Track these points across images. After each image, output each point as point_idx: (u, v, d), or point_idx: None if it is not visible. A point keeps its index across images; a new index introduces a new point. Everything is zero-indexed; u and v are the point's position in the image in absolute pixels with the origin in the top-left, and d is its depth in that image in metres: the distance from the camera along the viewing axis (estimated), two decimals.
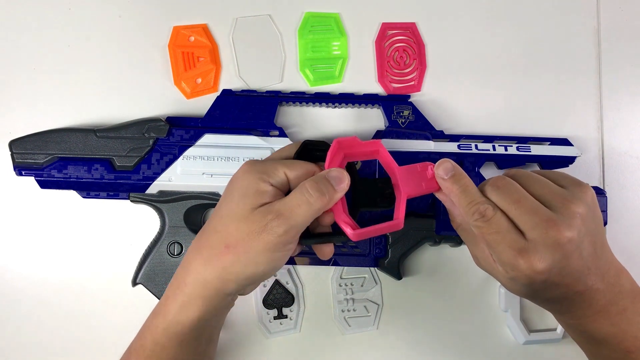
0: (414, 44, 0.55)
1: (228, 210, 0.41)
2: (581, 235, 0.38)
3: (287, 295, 0.54)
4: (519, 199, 0.39)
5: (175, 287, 0.42)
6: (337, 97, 0.53)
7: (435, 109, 0.55)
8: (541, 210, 0.38)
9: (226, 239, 0.40)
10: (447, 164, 0.42)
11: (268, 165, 0.42)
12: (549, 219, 0.38)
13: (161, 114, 0.54)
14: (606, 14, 0.56)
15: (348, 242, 0.46)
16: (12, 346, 0.54)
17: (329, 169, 0.42)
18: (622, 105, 0.55)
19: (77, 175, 0.50)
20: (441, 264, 0.54)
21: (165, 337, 0.42)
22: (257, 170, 0.42)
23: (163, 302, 0.43)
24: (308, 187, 0.40)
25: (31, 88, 0.54)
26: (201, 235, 0.43)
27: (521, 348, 0.54)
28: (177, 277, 0.43)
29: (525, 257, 0.37)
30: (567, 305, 0.41)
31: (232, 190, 0.42)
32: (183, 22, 0.55)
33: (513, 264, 0.38)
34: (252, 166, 0.42)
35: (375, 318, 0.54)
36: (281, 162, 0.43)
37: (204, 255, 0.41)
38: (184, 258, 0.43)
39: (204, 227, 0.43)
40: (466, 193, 0.41)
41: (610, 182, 0.55)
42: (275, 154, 0.46)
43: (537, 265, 0.37)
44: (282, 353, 0.54)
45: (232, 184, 0.42)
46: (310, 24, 0.55)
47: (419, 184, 0.42)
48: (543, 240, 0.37)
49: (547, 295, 0.40)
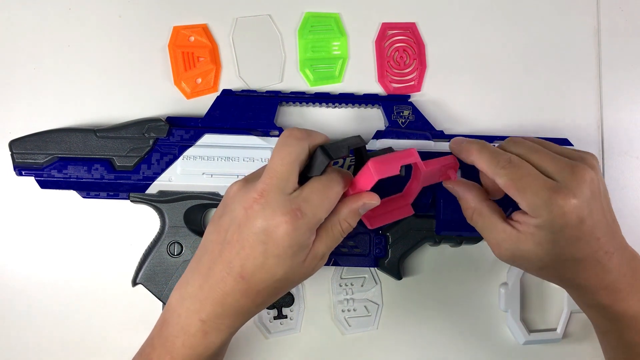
0: (414, 44, 0.55)
1: (279, 264, 0.39)
2: (600, 185, 0.40)
3: (287, 295, 0.54)
4: (538, 149, 0.41)
5: (212, 315, 0.41)
6: (337, 97, 0.53)
7: (435, 109, 0.55)
8: (562, 159, 0.40)
9: (281, 290, 0.42)
10: (458, 137, 0.45)
11: (315, 216, 0.40)
12: (571, 164, 0.40)
13: (161, 114, 0.54)
14: (606, 14, 0.56)
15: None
16: (11, 346, 0.54)
17: (364, 203, 0.42)
18: (622, 105, 0.55)
19: (77, 175, 0.50)
20: (441, 264, 0.54)
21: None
22: (308, 225, 0.39)
23: (176, 333, 0.42)
24: (345, 230, 0.43)
25: (31, 88, 0.54)
26: (248, 283, 0.40)
27: (521, 348, 0.54)
28: (214, 314, 0.41)
29: (561, 193, 0.38)
30: (595, 273, 0.40)
31: (276, 244, 0.39)
32: (183, 22, 0.55)
33: (548, 202, 0.38)
34: (298, 220, 0.39)
35: (375, 318, 0.54)
36: (325, 208, 0.40)
37: (256, 302, 0.41)
38: (222, 292, 0.40)
39: (248, 272, 0.40)
40: (486, 147, 0.42)
41: (610, 182, 0.55)
42: (280, 163, 0.40)
43: (572, 199, 0.38)
44: (282, 353, 0.54)
45: (273, 235, 0.39)
46: (310, 24, 0.55)
47: (436, 178, 0.46)
48: (571, 179, 0.39)
49: (576, 252, 0.39)
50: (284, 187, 0.39)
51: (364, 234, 0.51)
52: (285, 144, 0.41)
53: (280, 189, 0.39)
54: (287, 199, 0.39)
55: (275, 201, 0.39)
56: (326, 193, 0.40)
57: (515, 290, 0.52)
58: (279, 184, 0.39)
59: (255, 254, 0.39)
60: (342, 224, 0.42)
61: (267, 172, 0.40)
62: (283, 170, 0.40)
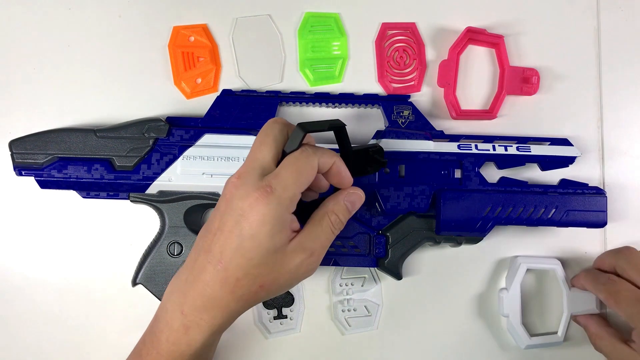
0: (414, 44, 0.55)
1: (254, 246, 0.39)
2: None
3: (287, 295, 0.54)
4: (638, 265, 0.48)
5: (194, 317, 0.41)
6: (337, 97, 0.53)
7: (435, 109, 0.55)
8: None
9: (261, 280, 0.40)
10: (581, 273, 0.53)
11: (286, 191, 0.39)
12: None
13: (161, 114, 0.54)
14: (606, 14, 0.56)
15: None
16: (11, 346, 0.54)
17: (349, 194, 0.43)
18: (622, 105, 0.55)
19: (77, 175, 0.50)
20: (441, 264, 0.54)
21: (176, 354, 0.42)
22: (279, 200, 0.38)
23: (169, 327, 0.41)
24: (334, 223, 0.42)
25: (31, 88, 0.54)
26: (226, 270, 0.39)
27: (522, 352, 0.53)
28: (194, 307, 0.40)
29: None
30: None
31: (249, 222, 0.38)
32: (183, 22, 0.55)
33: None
34: (268, 195, 0.38)
35: (375, 318, 0.54)
36: (297, 182, 0.39)
37: (236, 295, 0.40)
38: (203, 282, 0.40)
39: (227, 257, 0.39)
40: (590, 271, 0.51)
41: (610, 182, 0.55)
42: (262, 150, 0.41)
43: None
44: (282, 353, 0.54)
45: (246, 213, 0.38)
46: (310, 24, 0.55)
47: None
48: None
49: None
50: (258, 167, 0.40)
51: (364, 234, 0.51)
52: (263, 129, 0.42)
53: (254, 170, 0.40)
54: (260, 178, 0.39)
55: (250, 181, 0.39)
56: (298, 167, 0.40)
57: (516, 295, 0.52)
58: (256, 165, 0.40)
59: (232, 237, 0.39)
60: (330, 216, 0.42)
61: (247, 157, 0.41)
62: (261, 154, 0.40)
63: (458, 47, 0.54)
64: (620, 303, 0.46)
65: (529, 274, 0.54)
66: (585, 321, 0.52)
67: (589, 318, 0.52)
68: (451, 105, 0.54)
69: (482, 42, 0.55)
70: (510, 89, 0.54)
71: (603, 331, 0.50)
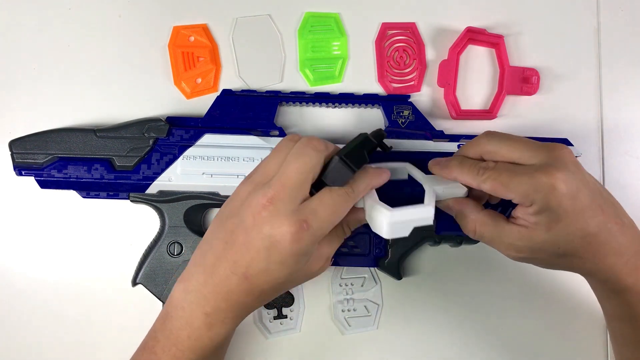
0: (414, 44, 0.55)
1: (282, 269, 0.40)
2: (581, 166, 0.40)
3: (287, 295, 0.54)
4: (509, 138, 0.42)
5: (215, 308, 0.42)
6: (337, 97, 0.53)
7: (435, 109, 0.55)
8: (535, 142, 0.41)
9: (283, 287, 0.43)
10: (436, 158, 0.45)
11: (321, 229, 0.40)
12: (546, 145, 0.40)
13: (161, 114, 0.54)
14: (606, 14, 0.56)
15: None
16: (11, 346, 0.54)
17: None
18: (622, 105, 0.55)
19: (77, 175, 0.50)
20: (441, 264, 0.54)
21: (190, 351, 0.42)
22: (314, 237, 0.40)
23: (184, 321, 0.42)
24: (346, 233, 0.46)
25: (31, 88, 0.54)
26: (252, 284, 0.40)
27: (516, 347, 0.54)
28: (218, 308, 0.41)
29: (542, 171, 0.38)
30: (612, 248, 0.39)
31: (280, 252, 0.39)
32: (183, 22, 0.55)
33: (534, 184, 0.38)
34: (303, 232, 0.39)
35: (375, 318, 0.54)
36: (333, 222, 0.41)
37: (261, 298, 0.42)
38: (227, 289, 0.41)
39: (252, 273, 0.40)
40: (464, 161, 0.43)
41: (610, 182, 0.55)
42: (296, 173, 0.40)
43: (555, 173, 0.38)
44: (282, 353, 0.54)
45: (278, 244, 0.39)
46: (310, 24, 0.55)
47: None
48: (549, 157, 0.39)
49: (584, 226, 0.39)
50: (294, 196, 0.40)
51: (364, 234, 0.51)
52: (303, 154, 0.41)
53: (290, 198, 0.39)
54: (295, 209, 0.39)
55: (284, 210, 0.39)
56: (336, 208, 0.41)
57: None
58: (290, 193, 0.39)
59: (259, 258, 0.39)
60: (345, 229, 0.46)
61: (279, 178, 0.40)
62: (297, 180, 0.40)
63: (458, 47, 0.54)
64: (510, 185, 0.39)
65: None
66: (461, 207, 0.44)
67: (463, 203, 0.44)
68: (451, 105, 0.54)
69: (482, 42, 0.55)
70: (510, 89, 0.54)
71: (483, 215, 0.43)
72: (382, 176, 0.44)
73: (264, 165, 0.43)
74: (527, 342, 0.54)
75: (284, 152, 0.42)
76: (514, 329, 0.54)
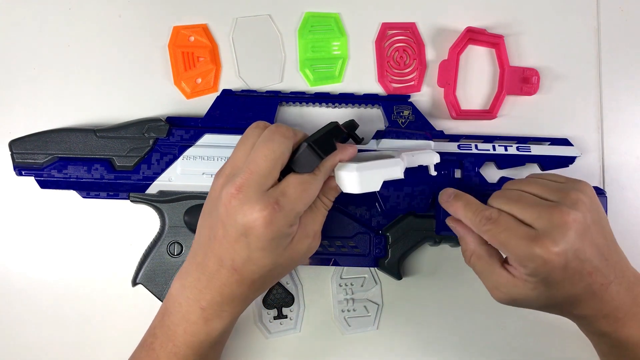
0: (414, 44, 0.55)
1: (264, 256, 0.40)
2: (587, 220, 0.39)
3: (287, 295, 0.54)
4: (519, 198, 0.41)
5: (209, 301, 0.42)
6: (337, 97, 0.53)
7: (435, 109, 0.55)
8: (542, 202, 0.40)
9: (274, 273, 0.43)
10: (449, 190, 0.46)
11: (294, 209, 0.40)
12: (551, 206, 0.39)
13: (161, 114, 0.54)
14: (606, 14, 0.56)
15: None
16: (11, 346, 0.54)
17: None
18: (622, 105, 0.55)
19: (77, 175, 0.50)
20: (441, 264, 0.54)
21: (186, 346, 0.43)
22: (287, 218, 0.40)
23: (178, 316, 0.43)
24: (326, 204, 0.45)
25: (31, 88, 0.54)
26: (241, 275, 0.41)
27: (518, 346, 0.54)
28: (214, 302, 0.42)
29: (539, 242, 0.38)
30: (592, 305, 0.41)
31: (257, 237, 0.39)
32: (183, 22, 0.55)
33: (529, 253, 0.39)
34: (275, 213, 0.39)
35: (375, 318, 0.54)
36: (304, 201, 0.41)
37: (254, 288, 0.43)
38: (219, 283, 0.41)
39: (238, 265, 0.41)
40: (470, 205, 0.43)
41: (610, 182, 0.55)
42: (265, 159, 0.40)
43: (551, 247, 0.38)
44: (282, 353, 0.54)
45: (253, 229, 0.39)
46: (310, 24, 0.55)
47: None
48: (550, 224, 0.39)
49: (570, 290, 0.40)
50: (263, 183, 0.40)
51: (364, 234, 0.51)
52: (271, 140, 0.41)
53: (259, 184, 0.40)
54: (264, 193, 0.40)
55: (253, 196, 0.39)
56: (305, 187, 0.41)
57: None
58: (259, 180, 0.40)
59: (240, 248, 0.40)
60: (323, 200, 0.45)
61: (248, 166, 0.40)
62: (265, 167, 0.40)
63: (458, 47, 0.54)
64: (506, 246, 0.40)
65: None
66: (464, 233, 0.45)
67: (467, 230, 0.45)
68: (451, 105, 0.54)
69: (482, 42, 0.55)
70: (510, 89, 0.54)
71: (482, 250, 0.44)
72: (349, 150, 0.44)
73: (233, 156, 0.43)
74: (526, 342, 0.54)
75: (251, 141, 0.42)
76: (513, 329, 0.54)
